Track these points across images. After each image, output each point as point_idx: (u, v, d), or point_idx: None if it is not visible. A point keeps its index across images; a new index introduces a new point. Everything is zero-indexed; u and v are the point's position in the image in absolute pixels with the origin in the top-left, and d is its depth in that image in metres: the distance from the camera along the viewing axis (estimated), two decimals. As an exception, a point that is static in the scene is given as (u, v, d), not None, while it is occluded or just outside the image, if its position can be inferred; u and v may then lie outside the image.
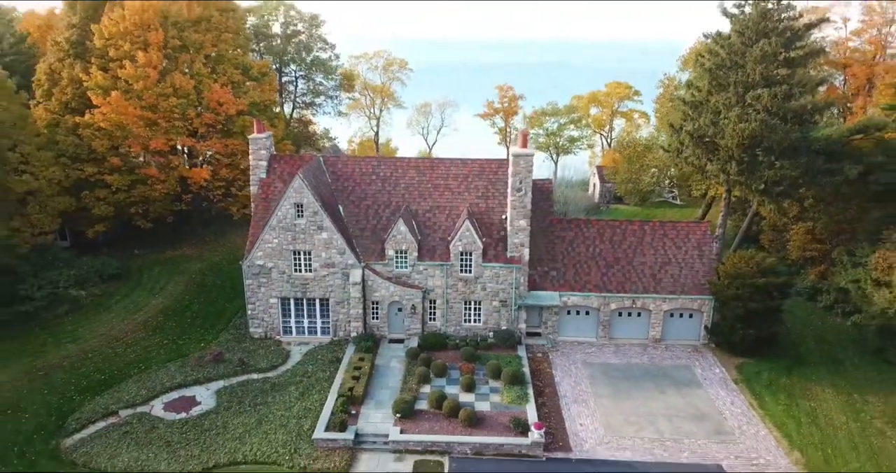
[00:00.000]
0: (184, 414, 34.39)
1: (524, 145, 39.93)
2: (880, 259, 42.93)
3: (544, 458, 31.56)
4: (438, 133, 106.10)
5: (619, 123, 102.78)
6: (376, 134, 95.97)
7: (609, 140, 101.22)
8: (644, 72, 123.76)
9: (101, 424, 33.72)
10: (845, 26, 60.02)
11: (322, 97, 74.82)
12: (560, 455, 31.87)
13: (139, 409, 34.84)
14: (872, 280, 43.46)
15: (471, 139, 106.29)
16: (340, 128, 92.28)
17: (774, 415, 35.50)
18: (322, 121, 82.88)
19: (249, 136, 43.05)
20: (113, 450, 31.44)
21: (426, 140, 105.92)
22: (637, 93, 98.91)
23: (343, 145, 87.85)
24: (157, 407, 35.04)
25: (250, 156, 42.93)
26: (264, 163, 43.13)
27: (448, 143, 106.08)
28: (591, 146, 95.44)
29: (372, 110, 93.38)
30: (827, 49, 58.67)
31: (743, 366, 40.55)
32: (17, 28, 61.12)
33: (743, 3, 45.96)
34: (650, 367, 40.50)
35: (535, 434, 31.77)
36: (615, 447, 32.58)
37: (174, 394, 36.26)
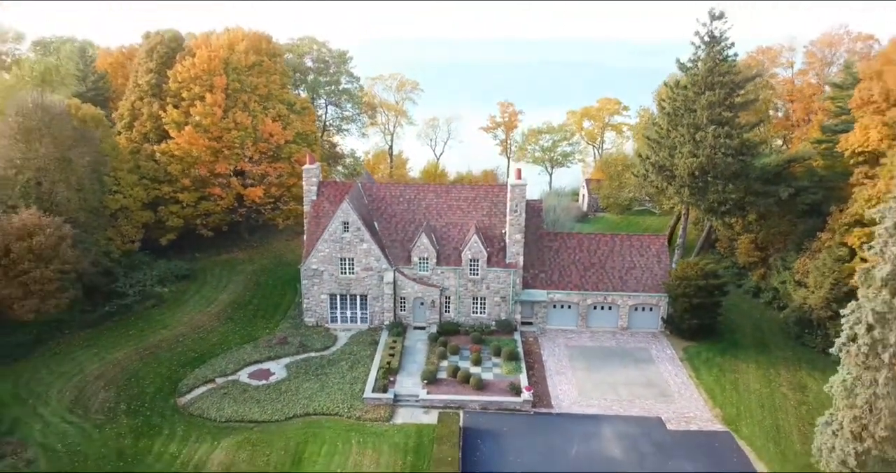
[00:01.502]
0: (264, 381, 46.05)
1: (518, 177, 51.53)
2: (800, 265, 54.57)
3: (532, 412, 43.22)
4: (445, 144, 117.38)
5: (610, 136, 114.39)
6: (390, 147, 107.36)
7: (600, 151, 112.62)
8: (645, 71, 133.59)
9: (203, 388, 45.40)
10: (792, 68, 71.40)
11: (348, 121, 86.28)
12: (544, 410, 43.55)
13: (230, 377, 46.52)
14: (795, 281, 55.10)
15: (475, 148, 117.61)
16: (358, 142, 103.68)
17: (706, 383, 47.15)
18: (343, 138, 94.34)
19: (303, 167, 54.58)
20: (218, 405, 43.11)
21: (434, 151, 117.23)
22: (626, 108, 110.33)
23: (360, 157, 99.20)
24: (243, 376, 46.72)
25: (304, 183, 54.48)
26: (314, 188, 54.66)
27: (454, 154, 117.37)
28: (582, 160, 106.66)
29: (387, 127, 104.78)
30: (776, 86, 70.40)
31: (688, 348, 52.20)
32: (95, 66, 72.34)
33: (695, 59, 57.32)
34: (617, 349, 52.14)
35: (526, 395, 43.46)
36: (585, 405, 44.25)
37: (254, 367, 47.90)
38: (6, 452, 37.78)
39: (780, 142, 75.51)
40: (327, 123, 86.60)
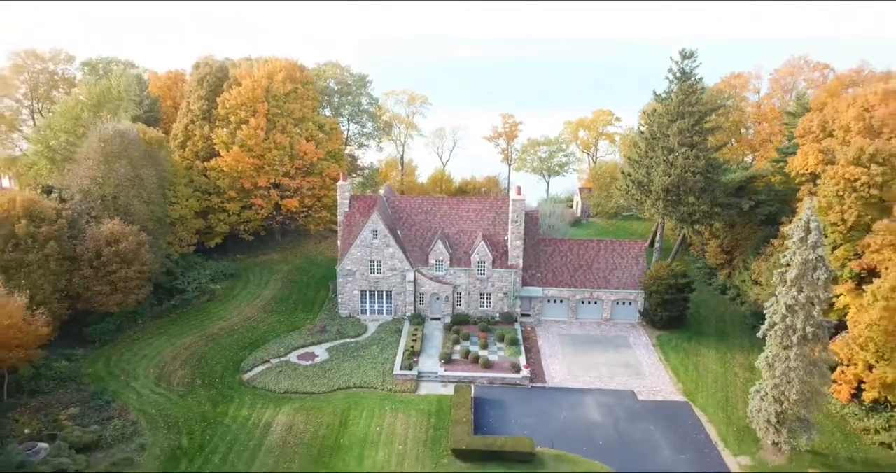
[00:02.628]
0: (310, 362, 56.24)
1: (518, 193, 61.74)
2: (756, 266, 64.67)
3: (530, 386, 53.46)
4: (451, 152, 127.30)
5: (603, 144, 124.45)
6: (402, 156, 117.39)
7: (595, 159, 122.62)
8: (644, 69, 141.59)
9: (261, 367, 55.60)
10: (759, 93, 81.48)
11: (368, 138, 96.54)
12: (539, 384, 53.80)
13: (282, 359, 56.73)
14: (752, 280, 65.23)
15: (478, 154, 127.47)
16: (372, 153, 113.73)
17: (673, 365, 57.35)
18: (364, 153, 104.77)
19: (337, 183, 64.75)
20: (275, 380, 53.33)
21: (440, 158, 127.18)
22: (618, 119, 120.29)
23: (376, 167, 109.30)
24: (293, 358, 56.91)
25: (338, 197, 64.61)
26: (347, 201, 64.81)
27: (459, 160, 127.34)
28: (576, 170, 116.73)
29: (399, 138, 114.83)
30: (744, 109, 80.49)
31: (660, 336, 62.39)
32: (148, 90, 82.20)
33: (669, 91, 67.32)
34: (600, 337, 62.34)
35: (525, 372, 53.71)
36: (572, 380, 54.49)
37: (301, 351, 58.10)
38: (114, 414, 47.99)
39: (749, 158, 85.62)
40: (349, 138, 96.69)
